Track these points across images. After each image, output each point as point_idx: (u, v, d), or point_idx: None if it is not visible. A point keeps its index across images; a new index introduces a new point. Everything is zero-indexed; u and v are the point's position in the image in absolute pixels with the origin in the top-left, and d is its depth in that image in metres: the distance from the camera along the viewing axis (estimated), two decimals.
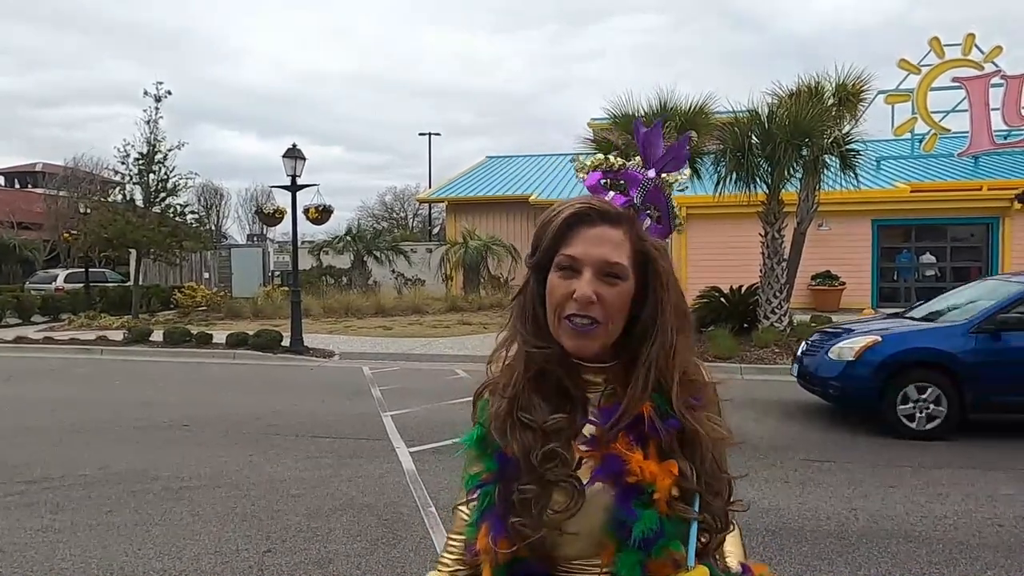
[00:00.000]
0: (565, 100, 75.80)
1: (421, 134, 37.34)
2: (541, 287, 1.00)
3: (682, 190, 1.09)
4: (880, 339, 6.96)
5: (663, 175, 1.04)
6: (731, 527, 1.01)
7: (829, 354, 7.14)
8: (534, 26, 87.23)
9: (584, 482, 0.95)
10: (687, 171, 1.07)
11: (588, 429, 0.98)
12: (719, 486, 0.98)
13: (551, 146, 29.39)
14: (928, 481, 5.15)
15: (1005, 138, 18.95)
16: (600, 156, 1.03)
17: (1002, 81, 18.50)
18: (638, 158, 1.04)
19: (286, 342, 12.72)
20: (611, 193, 1.02)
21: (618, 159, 1.03)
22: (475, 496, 1.01)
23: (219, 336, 13.39)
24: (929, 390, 6.51)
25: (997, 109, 18.52)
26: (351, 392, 9.01)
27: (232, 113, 78.11)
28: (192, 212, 21.80)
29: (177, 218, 19.52)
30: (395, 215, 50.17)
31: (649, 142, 1.04)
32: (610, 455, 0.95)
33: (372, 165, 77.93)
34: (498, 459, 0.99)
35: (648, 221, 1.02)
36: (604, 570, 0.95)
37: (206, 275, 24.74)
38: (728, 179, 11.75)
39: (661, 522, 0.92)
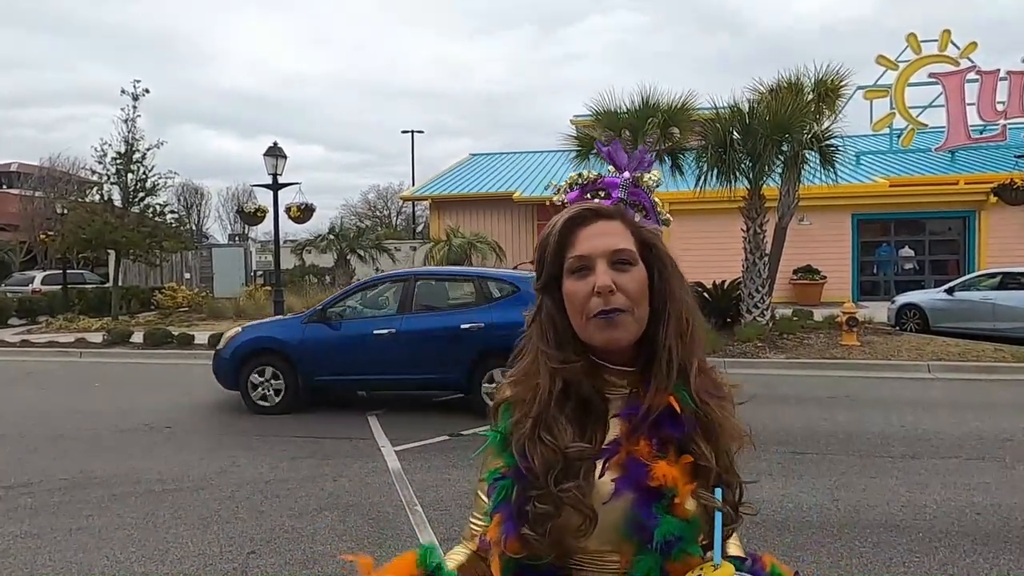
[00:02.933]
0: (545, 102, 75.96)
1: (404, 131, 37.10)
2: (556, 300, 1.02)
3: (657, 185, 1.12)
4: (240, 330, 8.24)
5: (636, 174, 1.13)
6: (740, 521, 1.02)
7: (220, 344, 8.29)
8: (511, 29, 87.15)
9: (608, 490, 0.95)
10: (657, 171, 1.11)
11: (614, 431, 0.98)
12: (732, 480, 1.00)
13: (533, 147, 29.35)
14: (908, 471, 5.23)
15: (981, 132, 19.25)
16: (573, 175, 1.15)
17: (977, 77, 18.78)
18: (611, 167, 1.14)
19: None
20: (596, 200, 1.09)
21: (591, 172, 1.14)
22: (495, 485, 1.03)
23: (201, 337, 13.25)
24: (270, 372, 7.66)
25: (973, 104, 18.81)
26: (335, 391, 8.95)
27: (212, 114, 77.34)
28: (172, 212, 21.49)
29: (157, 218, 19.26)
30: (379, 213, 49.94)
31: (614, 153, 1.17)
32: (632, 460, 0.96)
33: (354, 164, 77.56)
34: (520, 455, 0.99)
35: (637, 216, 1.06)
36: (621, 568, 0.96)
37: (187, 275, 24.47)
38: (710, 174, 11.84)
39: (681, 527, 0.93)
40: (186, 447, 6.27)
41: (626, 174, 0.89)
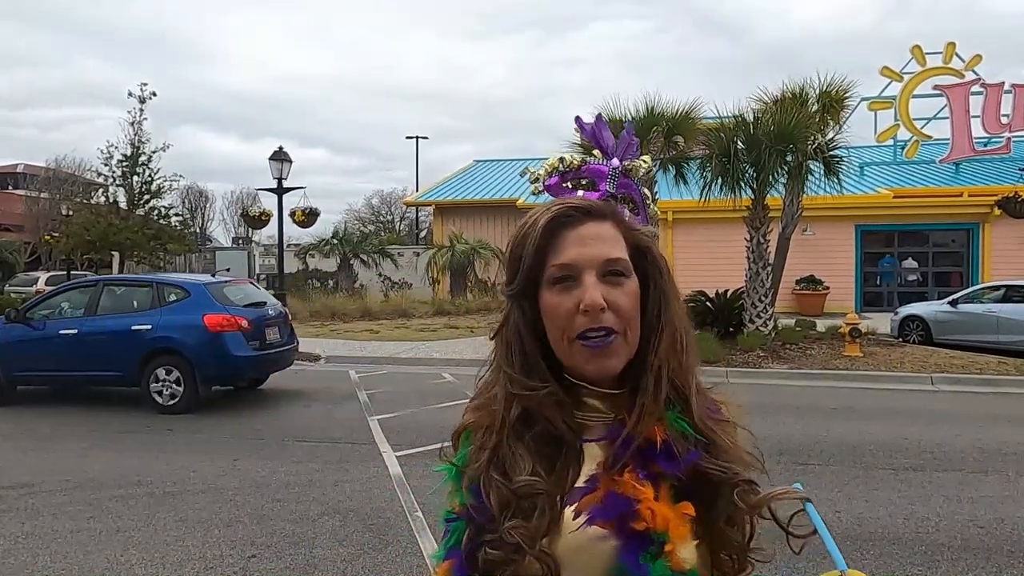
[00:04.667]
0: (547, 107, 76.13)
1: (408, 137, 37.29)
2: (528, 313, 0.86)
3: (649, 171, 1.03)
4: None
5: (625, 162, 0.97)
6: (749, 569, 0.89)
7: None
8: (515, 32, 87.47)
9: (587, 538, 0.80)
10: (647, 158, 1.02)
11: (590, 465, 0.84)
12: (739, 518, 0.86)
13: (535, 151, 29.40)
14: (911, 483, 5.21)
15: (985, 145, 19.25)
16: (553, 160, 0.95)
17: (982, 89, 18.80)
18: (596, 152, 0.98)
19: None
20: (580, 193, 0.93)
21: (575, 156, 0.96)
22: (448, 527, 0.90)
23: None
24: None
25: (977, 116, 18.82)
26: (337, 396, 8.96)
27: (215, 115, 77.70)
28: (176, 214, 21.60)
29: (161, 220, 19.34)
30: (382, 218, 50.05)
31: (599, 134, 0.97)
32: (615, 494, 0.80)
33: (357, 168, 77.94)
34: (473, 493, 0.86)
35: (627, 212, 0.94)
36: None
37: None
38: (714, 184, 11.84)
39: None
40: (188, 449, 6.27)
41: (615, 161, 0.81)
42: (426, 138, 42.11)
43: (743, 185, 11.74)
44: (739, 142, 11.68)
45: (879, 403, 8.48)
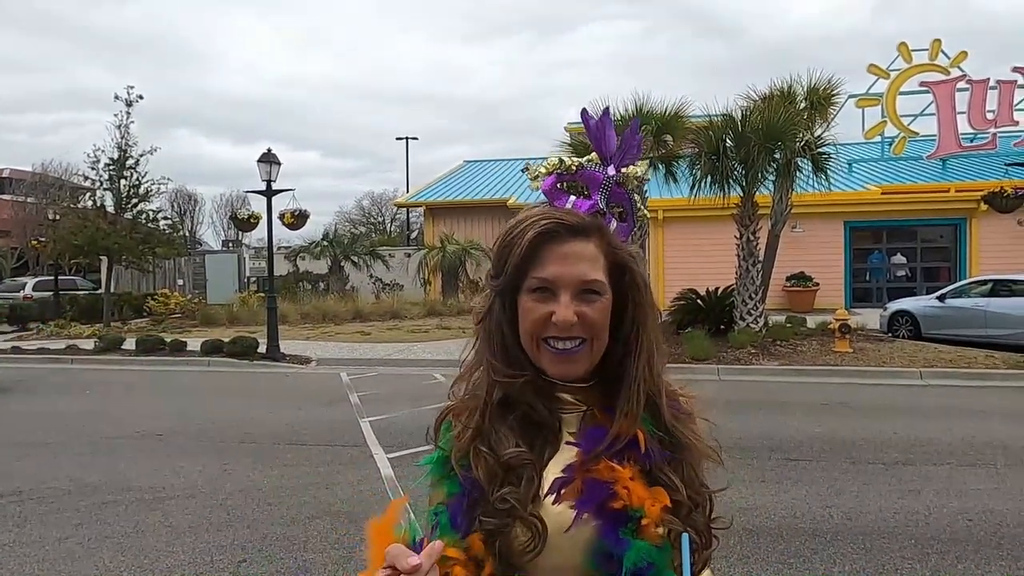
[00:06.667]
0: (540, 108, 76.20)
1: (399, 138, 37.19)
2: (508, 310, 0.93)
3: (647, 180, 1.03)
4: None
5: (623, 169, 0.97)
6: (715, 544, 0.95)
7: None
8: (508, 35, 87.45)
9: (562, 515, 0.87)
10: (645, 162, 1.01)
11: (567, 455, 0.90)
12: (701, 500, 0.93)
13: (528, 152, 29.44)
14: (901, 477, 5.24)
15: (971, 141, 19.40)
16: (554, 160, 0.96)
17: (967, 86, 18.94)
18: (593, 155, 0.97)
19: (262, 349, 12.56)
20: (572, 198, 0.95)
21: (574, 160, 0.96)
22: (435, 523, 0.94)
23: (193, 344, 13.19)
24: None
25: (963, 113, 18.97)
26: (328, 398, 8.93)
27: (206, 118, 77.24)
28: (165, 218, 21.44)
29: (150, 224, 19.20)
30: (373, 219, 49.90)
31: (602, 135, 0.97)
32: (591, 480, 0.87)
33: (349, 170, 77.60)
34: (461, 482, 0.92)
35: (614, 222, 0.96)
36: None
37: (180, 282, 24.36)
38: (703, 182, 11.88)
39: (653, 552, 0.85)
40: (177, 454, 6.23)
41: (611, 170, 0.79)
42: (416, 139, 42.02)
43: (732, 183, 11.78)
44: (728, 140, 11.73)
45: (869, 398, 8.53)
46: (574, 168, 0.95)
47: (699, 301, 12.84)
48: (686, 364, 10.51)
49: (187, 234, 40.50)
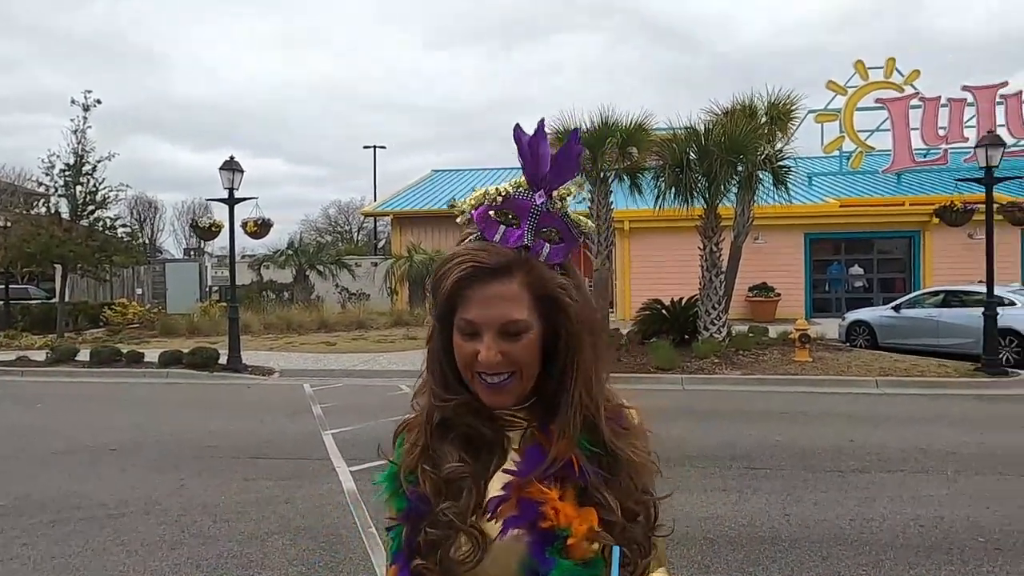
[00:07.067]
0: (509, 117, 76.42)
1: (366, 147, 36.93)
2: (444, 340, 0.97)
3: (580, 202, 1.00)
4: None
5: (554, 194, 0.95)
6: (653, 552, 0.97)
7: None
8: (476, 43, 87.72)
9: (498, 531, 0.91)
10: (578, 180, 0.97)
11: (504, 478, 0.94)
12: (639, 511, 0.96)
13: (496, 162, 29.51)
14: (857, 485, 5.35)
15: (924, 156, 20.08)
16: (478, 194, 0.96)
17: (920, 103, 19.63)
18: (522, 178, 0.95)
19: (223, 360, 12.30)
20: (502, 228, 0.93)
21: (499, 188, 0.95)
22: (390, 536, 0.99)
23: (152, 354, 12.85)
24: None
25: (917, 129, 19.63)
26: (291, 410, 8.78)
27: (168, 124, 75.60)
28: (124, 225, 20.94)
29: (107, 232, 18.72)
30: (340, 228, 49.43)
31: (533, 153, 0.94)
32: (525, 500, 0.91)
33: (314, 178, 76.58)
34: (408, 498, 0.96)
35: (547, 247, 0.94)
36: None
37: (139, 291, 23.78)
38: (667, 194, 12.06)
39: (576, 570, 0.88)
40: (131, 469, 6.05)
41: (538, 199, 0.75)
42: (383, 147, 41.74)
43: (695, 195, 11.98)
44: (691, 153, 11.93)
45: (827, 407, 8.72)
46: (499, 199, 0.94)
47: (664, 311, 12.99)
48: (651, 374, 10.61)
49: (146, 242, 39.61)
